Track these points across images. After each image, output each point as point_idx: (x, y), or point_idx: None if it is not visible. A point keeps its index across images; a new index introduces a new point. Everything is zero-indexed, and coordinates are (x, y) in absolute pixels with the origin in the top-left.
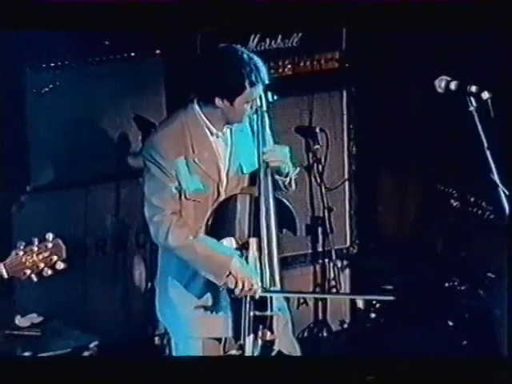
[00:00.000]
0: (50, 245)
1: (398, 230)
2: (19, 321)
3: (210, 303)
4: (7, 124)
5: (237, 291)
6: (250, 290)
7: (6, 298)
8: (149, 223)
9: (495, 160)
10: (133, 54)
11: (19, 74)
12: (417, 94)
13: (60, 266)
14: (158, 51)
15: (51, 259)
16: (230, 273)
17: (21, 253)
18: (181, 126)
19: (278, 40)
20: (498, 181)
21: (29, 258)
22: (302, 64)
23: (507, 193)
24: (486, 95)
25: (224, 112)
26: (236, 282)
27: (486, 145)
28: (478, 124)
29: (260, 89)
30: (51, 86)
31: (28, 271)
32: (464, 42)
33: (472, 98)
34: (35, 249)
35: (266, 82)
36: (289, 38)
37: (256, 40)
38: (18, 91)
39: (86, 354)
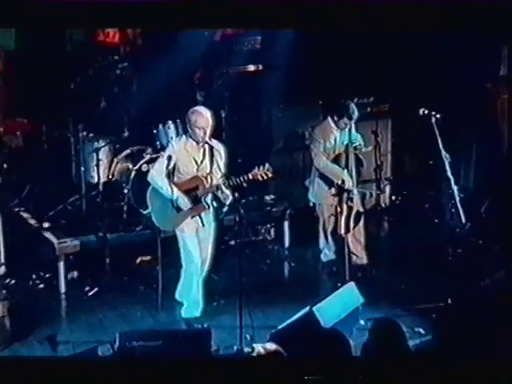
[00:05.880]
0: (267, 166)
1: (407, 171)
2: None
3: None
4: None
5: (347, 184)
6: (351, 185)
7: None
8: (315, 158)
9: (444, 145)
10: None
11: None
12: (411, 117)
13: (270, 174)
14: (320, 102)
15: (267, 173)
16: (343, 179)
17: (256, 169)
18: (324, 126)
19: (365, 100)
20: (443, 152)
21: (259, 172)
22: (375, 108)
23: (449, 160)
24: (438, 115)
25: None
26: (345, 181)
27: (438, 135)
28: (435, 127)
29: (349, 121)
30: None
31: (260, 178)
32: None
33: (432, 117)
34: (261, 168)
35: (352, 120)
36: (368, 98)
37: (357, 100)
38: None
39: None
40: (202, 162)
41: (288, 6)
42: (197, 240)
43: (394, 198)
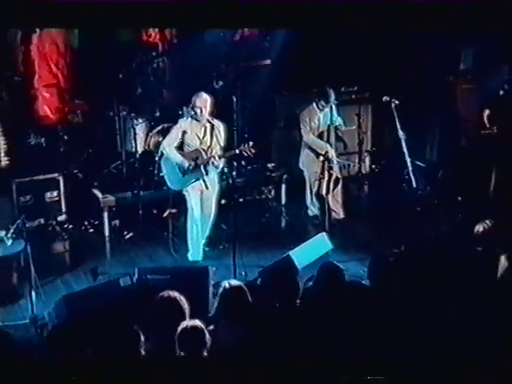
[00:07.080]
0: (251, 144)
1: (384, 145)
2: None
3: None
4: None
5: (329, 154)
6: (333, 156)
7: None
8: (303, 134)
9: (401, 125)
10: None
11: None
12: (378, 103)
13: (253, 151)
14: (314, 90)
15: (250, 149)
16: (326, 151)
17: (242, 146)
18: (308, 110)
19: (350, 88)
20: (400, 131)
21: (243, 148)
22: (354, 95)
23: (405, 137)
24: (396, 102)
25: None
26: (328, 152)
27: (396, 118)
28: (394, 111)
29: (326, 104)
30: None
31: (245, 154)
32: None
33: (392, 103)
34: (246, 145)
35: (332, 103)
36: (353, 87)
37: (343, 89)
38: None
39: None
40: (203, 137)
41: (288, 7)
42: (199, 200)
43: (373, 166)
